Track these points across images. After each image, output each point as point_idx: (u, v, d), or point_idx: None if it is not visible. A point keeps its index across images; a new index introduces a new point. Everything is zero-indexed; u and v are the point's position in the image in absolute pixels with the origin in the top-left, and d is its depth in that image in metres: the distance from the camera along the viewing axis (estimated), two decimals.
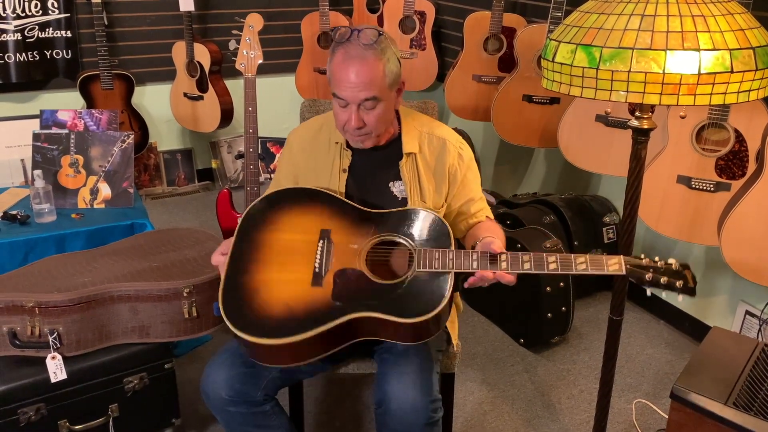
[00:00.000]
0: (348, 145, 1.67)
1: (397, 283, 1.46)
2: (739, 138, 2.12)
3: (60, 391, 1.76)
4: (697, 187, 2.23)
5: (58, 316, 1.74)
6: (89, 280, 1.83)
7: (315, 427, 2.19)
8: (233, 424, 1.60)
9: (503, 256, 1.42)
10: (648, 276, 1.36)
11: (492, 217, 1.77)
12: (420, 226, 1.56)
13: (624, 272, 1.37)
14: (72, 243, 2.22)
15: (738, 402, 1.55)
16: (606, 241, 2.91)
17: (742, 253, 2.06)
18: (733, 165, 2.16)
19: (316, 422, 2.20)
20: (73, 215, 2.33)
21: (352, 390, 2.36)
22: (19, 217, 2.24)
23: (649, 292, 1.40)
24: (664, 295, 1.39)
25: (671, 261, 1.38)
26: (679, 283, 1.35)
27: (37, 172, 2.28)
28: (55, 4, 3.47)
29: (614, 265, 1.38)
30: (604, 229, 2.91)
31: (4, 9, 3.34)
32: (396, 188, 1.67)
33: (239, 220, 1.61)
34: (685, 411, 1.60)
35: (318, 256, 1.52)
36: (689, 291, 1.35)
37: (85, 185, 2.40)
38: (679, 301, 1.36)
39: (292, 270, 1.51)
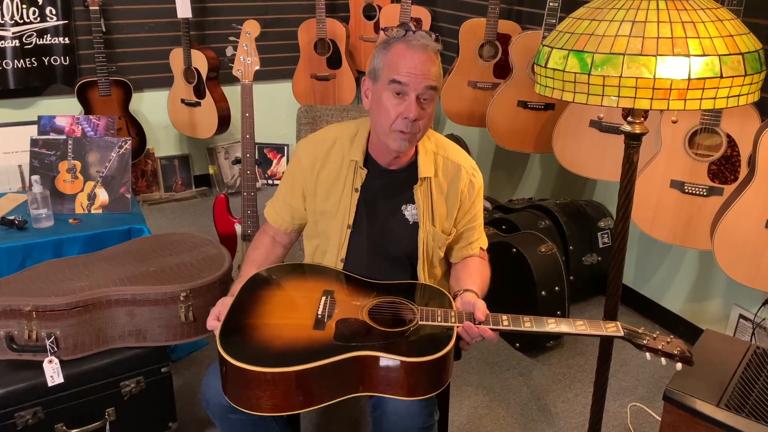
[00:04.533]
0: (364, 164, 1.66)
1: (400, 331, 1.46)
2: (731, 143, 2.14)
3: (57, 394, 1.76)
4: (690, 191, 2.26)
5: (56, 320, 1.74)
6: (86, 284, 1.84)
7: (311, 431, 2.20)
8: (233, 431, 1.60)
9: (504, 316, 1.48)
10: (645, 341, 1.42)
11: (486, 246, 1.78)
12: (421, 292, 1.61)
13: (621, 333, 1.43)
14: (69, 248, 2.22)
15: (730, 403, 1.56)
16: (601, 245, 2.93)
17: (734, 257, 2.08)
18: (725, 169, 2.18)
19: (312, 426, 2.21)
20: (71, 220, 2.34)
21: None
22: (16, 222, 2.25)
23: (648, 356, 1.44)
24: (664, 362, 1.44)
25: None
26: (677, 350, 1.40)
27: (35, 177, 2.29)
28: (53, 11, 3.49)
29: (612, 327, 1.44)
30: (599, 233, 2.92)
31: (2, 16, 3.36)
32: (408, 212, 1.67)
33: (240, 286, 1.61)
34: (678, 413, 1.61)
35: (320, 307, 1.53)
36: (687, 360, 1.40)
37: (82, 191, 2.41)
38: (677, 369, 1.41)
39: (294, 316, 1.51)
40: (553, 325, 1.45)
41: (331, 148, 1.68)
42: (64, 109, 3.58)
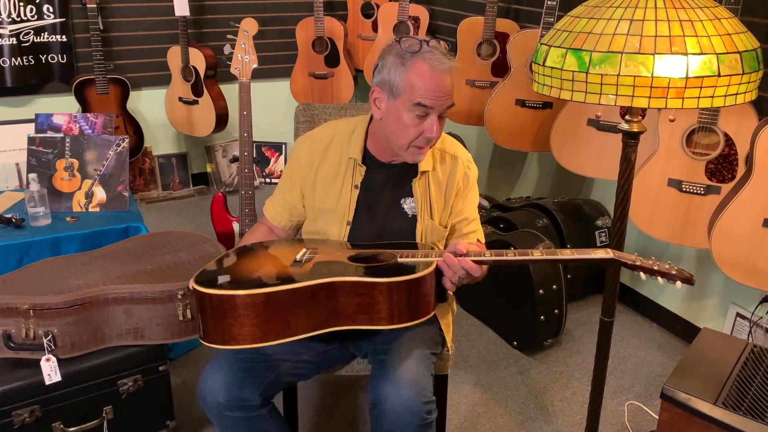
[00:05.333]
0: (363, 161, 1.67)
1: (378, 265, 1.49)
2: (729, 141, 2.15)
3: (54, 393, 1.76)
4: (688, 190, 2.26)
5: (53, 319, 1.74)
6: (84, 282, 1.84)
7: (309, 430, 2.20)
8: (230, 428, 1.60)
9: (488, 252, 1.47)
10: (639, 262, 1.38)
11: (483, 240, 1.78)
12: (405, 245, 1.62)
13: (612, 255, 1.39)
14: (67, 246, 2.22)
15: (727, 402, 1.57)
16: (598, 244, 2.93)
17: (732, 256, 2.08)
18: (723, 168, 2.19)
19: (310, 425, 2.21)
20: (68, 219, 2.34)
21: (346, 393, 2.37)
22: (14, 220, 2.24)
23: (643, 276, 1.40)
24: (661, 281, 1.39)
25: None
26: (675, 271, 1.37)
27: (32, 175, 2.29)
28: (51, 9, 3.48)
29: (601, 252, 1.41)
30: (597, 232, 2.93)
31: None
32: (407, 205, 1.68)
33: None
34: (675, 411, 1.62)
35: (300, 254, 1.57)
36: (687, 279, 1.35)
37: (80, 189, 2.41)
38: (677, 288, 1.36)
39: (273, 259, 1.55)
40: (538, 254, 1.43)
41: (329, 146, 1.69)
42: (61, 107, 3.57)
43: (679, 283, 1.36)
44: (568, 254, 1.42)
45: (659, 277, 1.38)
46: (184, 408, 2.21)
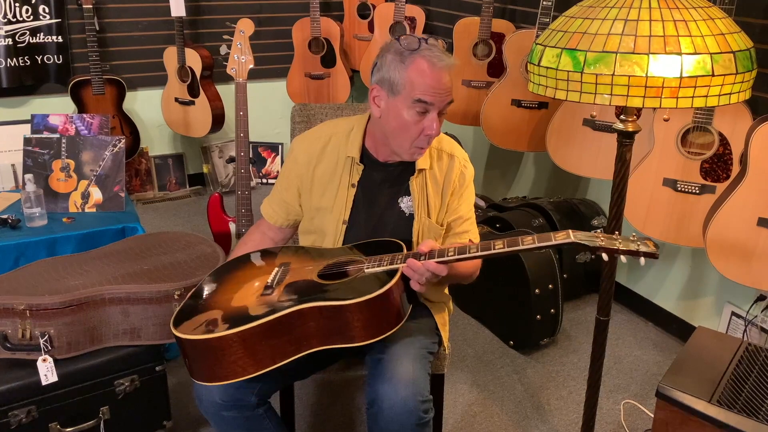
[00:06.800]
0: (361, 160, 1.67)
1: (345, 281, 1.48)
2: (723, 141, 2.16)
3: (51, 393, 1.76)
4: (683, 189, 2.27)
5: (50, 319, 1.74)
6: (80, 282, 1.84)
7: (306, 429, 2.20)
8: (227, 428, 1.60)
9: (451, 250, 1.43)
10: (600, 241, 1.33)
11: (477, 241, 1.77)
12: (376, 246, 1.62)
13: (572, 239, 1.34)
14: (63, 247, 2.22)
15: (722, 400, 1.58)
16: None
17: (726, 255, 2.09)
18: (717, 168, 2.20)
19: (307, 425, 2.21)
20: (65, 219, 2.34)
21: (343, 392, 2.37)
22: (9, 221, 2.24)
23: (605, 256, 1.36)
24: (623, 259, 1.35)
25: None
26: (635, 245, 1.31)
27: (28, 176, 2.29)
28: (47, 10, 3.48)
29: (561, 235, 1.36)
30: (592, 232, 2.93)
31: None
32: (404, 203, 1.68)
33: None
34: (671, 409, 1.62)
35: (272, 277, 1.57)
36: (650, 254, 1.30)
37: (76, 189, 2.41)
38: (641, 265, 1.32)
39: (246, 288, 1.55)
40: (500, 246, 1.40)
41: (327, 145, 1.70)
42: (57, 107, 3.57)
43: (642, 259, 1.32)
44: (529, 242, 1.37)
45: (622, 256, 1.34)
46: (181, 408, 2.21)
